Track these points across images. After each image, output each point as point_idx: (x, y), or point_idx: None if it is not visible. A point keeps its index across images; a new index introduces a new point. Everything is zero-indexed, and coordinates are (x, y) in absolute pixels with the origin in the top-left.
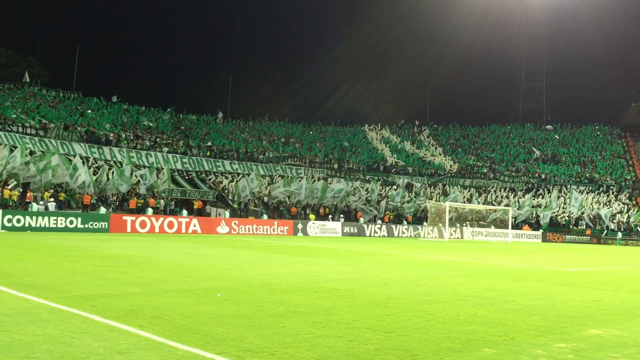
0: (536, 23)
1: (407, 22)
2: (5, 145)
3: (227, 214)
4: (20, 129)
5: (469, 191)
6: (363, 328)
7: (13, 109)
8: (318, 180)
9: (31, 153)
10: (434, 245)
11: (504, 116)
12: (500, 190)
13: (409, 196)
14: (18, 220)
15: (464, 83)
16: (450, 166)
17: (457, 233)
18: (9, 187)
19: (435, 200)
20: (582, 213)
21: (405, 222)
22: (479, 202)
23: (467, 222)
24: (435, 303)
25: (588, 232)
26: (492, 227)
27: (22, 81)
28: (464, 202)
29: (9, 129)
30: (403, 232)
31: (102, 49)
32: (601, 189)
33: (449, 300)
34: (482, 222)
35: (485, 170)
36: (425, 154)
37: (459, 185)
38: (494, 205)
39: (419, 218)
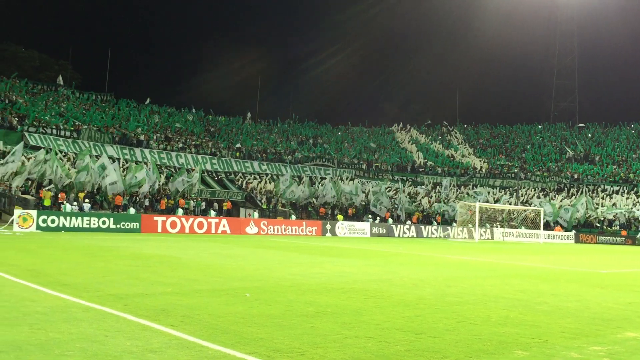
0: (567, 21)
1: (435, 21)
2: (43, 148)
3: (256, 214)
4: (54, 132)
5: (499, 191)
6: (393, 329)
7: (47, 112)
8: (346, 181)
9: (64, 154)
10: (464, 246)
11: (534, 115)
12: (531, 191)
13: (437, 196)
14: (52, 221)
15: (494, 82)
16: (480, 166)
17: (487, 234)
18: (47, 188)
19: (466, 201)
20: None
21: (434, 223)
22: (509, 203)
23: (498, 223)
24: (466, 304)
25: (623, 232)
26: (523, 227)
27: (56, 84)
28: (494, 203)
29: (43, 132)
30: (432, 233)
31: (133, 52)
32: (636, 189)
33: (480, 301)
34: (513, 223)
35: (516, 170)
36: (454, 154)
37: (489, 186)
38: (525, 205)
39: (449, 219)
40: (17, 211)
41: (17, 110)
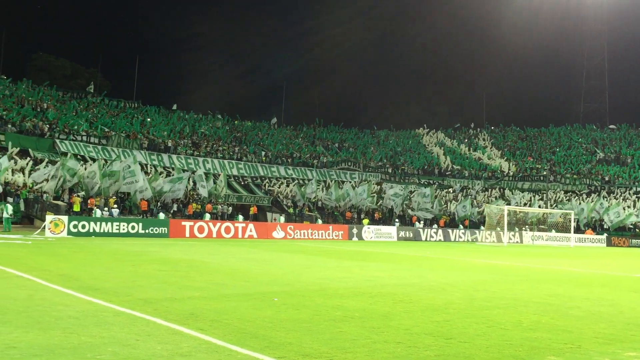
0: (596, 21)
1: (462, 24)
2: (73, 154)
3: (282, 218)
4: (84, 138)
5: (528, 194)
6: (422, 334)
7: (77, 119)
8: (373, 185)
9: (94, 160)
10: (492, 250)
11: (563, 117)
12: (560, 193)
13: (465, 200)
14: (83, 226)
15: (521, 84)
16: (509, 169)
17: (516, 237)
18: (79, 195)
19: (493, 204)
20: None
21: (461, 226)
22: (539, 206)
23: (527, 226)
24: (496, 309)
25: None
26: (553, 231)
27: (86, 91)
28: (523, 206)
29: (73, 139)
30: (460, 237)
31: (160, 59)
32: None
33: (510, 306)
34: (543, 226)
35: (545, 173)
36: (482, 157)
37: (517, 189)
38: (555, 208)
39: (476, 222)
40: (49, 217)
41: (48, 117)
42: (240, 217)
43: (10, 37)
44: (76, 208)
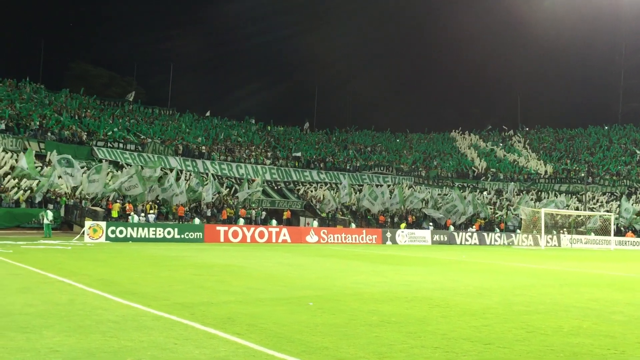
0: (633, 19)
1: (495, 24)
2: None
3: (316, 223)
4: (121, 145)
5: (565, 196)
6: (460, 339)
7: (114, 127)
8: (406, 188)
9: (130, 167)
10: (530, 254)
11: (601, 117)
12: (599, 195)
13: (500, 203)
14: (120, 232)
15: (557, 84)
16: (545, 171)
17: (553, 240)
18: (118, 201)
19: (530, 207)
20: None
21: (497, 230)
22: (577, 208)
23: (565, 229)
24: (535, 314)
25: None
26: (592, 234)
27: (122, 99)
28: (560, 208)
29: (111, 146)
30: (495, 240)
31: (193, 67)
32: None
33: (550, 310)
34: (581, 229)
35: (582, 175)
36: (517, 159)
37: (554, 191)
38: (593, 211)
39: (512, 226)
40: (88, 222)
41: (86, 125)
42: (274, 222)
43: (49, 47)
44: (114, 214)
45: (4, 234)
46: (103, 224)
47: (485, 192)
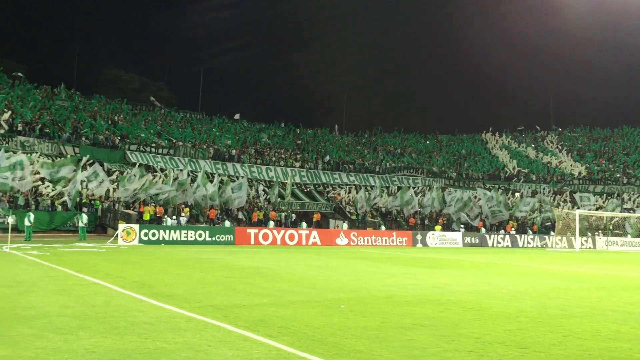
0: None
1: (526, 22)
2: (140, 165)
3: (345, 225)
4: (153, 149)
5: (600, 198)
6: (494, 343)
7: (146, 131)
8: (435, 190)
9: (162, 170)
10: (564, 256)
11: (637, 116)
12: (636, 196)
13: (534, 204)
14: (153, 234)
15: (590, 83)
16: (579, 172)
17: (588, 243)
18: (151, 205)
19: (564, 208)
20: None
21: (530, 232)
22: (612, 210)
23: (600, 231)
24: (571, 317)
25: None
26: (629, 235)
27: (152, 103)
28: (595, 210)
29: (143, 150)
30: (528, 242)
31: (222, 72)
32: None
33: (587, 314)
34: (617, 231)
35: (618, 175)
36: (550, 160)
37: (588, 192)
38: (630, 212)
39: (546, 227)
40: (122, 225)
41: (119, 130)
42: (304, 224)
43: (83, 53)
44: (146, 217)
45: (41, 237)
46: (136, 226)
47: (517, 194)
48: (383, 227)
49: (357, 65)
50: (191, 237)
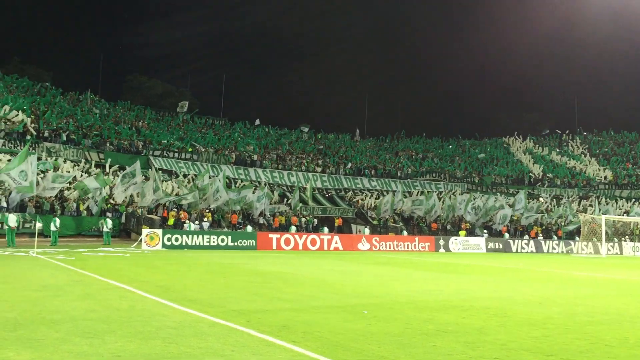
0: None
1: (550, 24)
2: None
3: (367, 230)
4: (176, 155)
5: (627, 202)
6: (520, 350)
7: (169, 136)
8: (458, 195)
9: (185, 176)
10: (590, 262)
11: None
12: None
13: (558, 209)
14: (176, 239)
15: (616, 86)
16: (604, 176)
17: (615, 248)
18: (173, 210)
19: (589, 213)
20: None
21: (555, 237)
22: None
23: (627, 237)
24: (598, 324)
25: None
26: None
27: (177, 111)
28: (621, 215)
29: (166, 155)
30: (553, 248)
31: (244, 78)
32: None
33: (614, 321)
34: None
35: None
36: (575, 164)
37: (614, 197)
38: None
39: (570, 233)
40: (145, 230)
41: (142, 135)
42: (326, 229)
43: (107, 61)
44: (170, 222)
45: (67, 242)
46: (159, 231)
47: (541, 199)
48: (405, 232)
49: (379, 70)
50: (214, 242)
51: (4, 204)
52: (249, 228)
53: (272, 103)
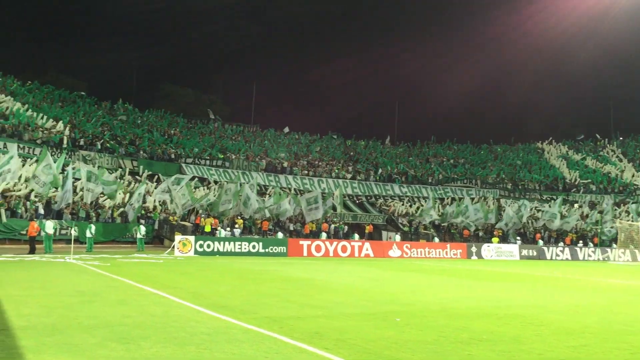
0: None
1: (584, 27)
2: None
3: (398, 237)
4: (208, 162)
5: None
6: (557, 359)
7: (200, 144)
8: (490, 201)
9: (215, 182)
10: (627, 270)
11: None
12: None
13: (594, 216)
14: (208, 246)
15: None
16: None
17: None
18: (204, 216)
19: (626, 220)
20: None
21: (591, 245)
22: None
23: None
24: (638, 334)
25: None
26: None
27: (209, 118)
28: None
29: (197, 162)
30: (589, 255)
31: (274, 85)
32: None
33: None
34: None
35: None
36: (611, 170)
37: None
38: None
39: (606, 240)
40: (178, 237)
41: (175, 143)
42: (356, 236)
43: (141, 70)
44: (207, 229)
45: (101, 248)
46: (192, 238)
47: (576, 205)
48: (436, 239)
49: (409, 74)
50: (245, 248)
51: (42, 211)
52: (280, 235)
53: (302, 110)
